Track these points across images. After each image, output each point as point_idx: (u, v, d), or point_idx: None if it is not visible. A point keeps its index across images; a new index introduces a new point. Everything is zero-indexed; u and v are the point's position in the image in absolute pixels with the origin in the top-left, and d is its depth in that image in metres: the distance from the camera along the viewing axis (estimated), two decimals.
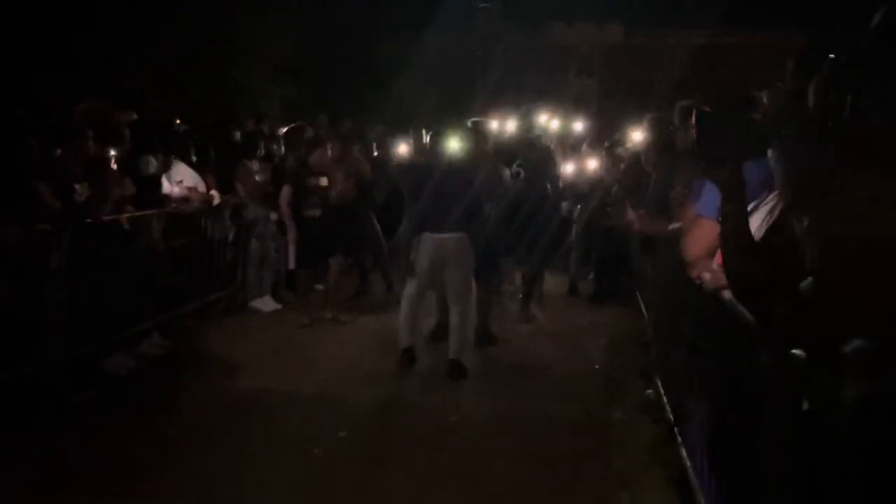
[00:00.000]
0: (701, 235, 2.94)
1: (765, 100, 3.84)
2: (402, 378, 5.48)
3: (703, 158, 2.08)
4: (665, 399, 4.53)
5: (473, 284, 5.90)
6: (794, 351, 1.81)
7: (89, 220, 5.01)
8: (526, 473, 3.93)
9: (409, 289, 5.76)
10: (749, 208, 2.17)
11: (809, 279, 1.65)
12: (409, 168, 7.04)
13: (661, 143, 5.40)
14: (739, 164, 2.02)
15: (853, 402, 1.54)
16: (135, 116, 6.28)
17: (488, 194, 6.08)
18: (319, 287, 7.35)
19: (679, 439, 3.87)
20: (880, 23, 1.74)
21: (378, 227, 7.99)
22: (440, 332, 6.10)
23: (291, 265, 7.22)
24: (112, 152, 5.45)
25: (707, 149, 2.06)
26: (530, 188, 6.99)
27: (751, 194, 2.16)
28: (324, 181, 6.91)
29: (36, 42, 8.97)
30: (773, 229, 2.06)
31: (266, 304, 7.31)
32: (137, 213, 5.65)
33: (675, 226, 4.24)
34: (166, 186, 6.33)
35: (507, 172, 6.79)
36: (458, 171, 5.77)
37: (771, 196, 2.31)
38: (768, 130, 1.68)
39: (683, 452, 3.69)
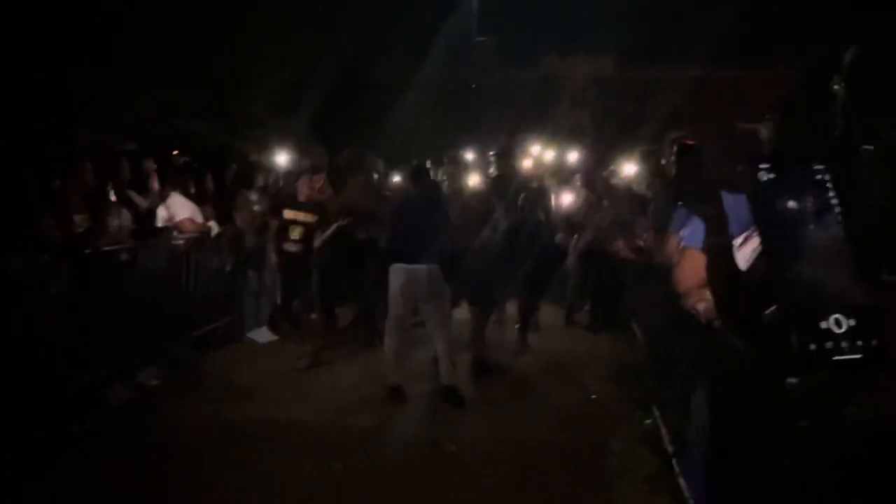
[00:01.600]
0: (691, 266, 2.97)
1: (763, 132, 3.90)
2: (398, 408, 5.47)
3: (684, 191, 2.11)
4: (663, 429, 4.53)
5: (452, 312, 5.92)
6: (789, 380, 1.83)
7: (88, 251, 5.04)
8: (524, 503, 3.92)
9: (389, 323, 5.79)
10: (741, 239, 2.21)
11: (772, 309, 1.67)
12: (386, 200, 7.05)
13: (655, 172, 5.51)
14: (719, 198, 2.05)
15: (855, 426, 1.55)
16: (133, 147, 6.34)
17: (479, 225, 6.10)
18: (314, 316, 7.33)
19: (677, 469, 3.88)
20: (852, 61, 1.80)
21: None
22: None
23: (278, 300, 7.24)
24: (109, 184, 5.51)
25: (687, 182, 2.09)
26: (526, 220, 7.03)
27: (743, 225, 2.19)
28: (299, 216, 6.53)
29: (35, 74, 9.06)
30: (761, 260, 2.10)
31: (262, 335, 7.31)
32: (135, 244, 5.68)
33: (662, 257, 4.29)
34: (161, 218, 6.36)
35: (490, 203, 6.62)
36: (429, 202, 5.82)
37: None
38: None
39: (682, 482, 3.70)
